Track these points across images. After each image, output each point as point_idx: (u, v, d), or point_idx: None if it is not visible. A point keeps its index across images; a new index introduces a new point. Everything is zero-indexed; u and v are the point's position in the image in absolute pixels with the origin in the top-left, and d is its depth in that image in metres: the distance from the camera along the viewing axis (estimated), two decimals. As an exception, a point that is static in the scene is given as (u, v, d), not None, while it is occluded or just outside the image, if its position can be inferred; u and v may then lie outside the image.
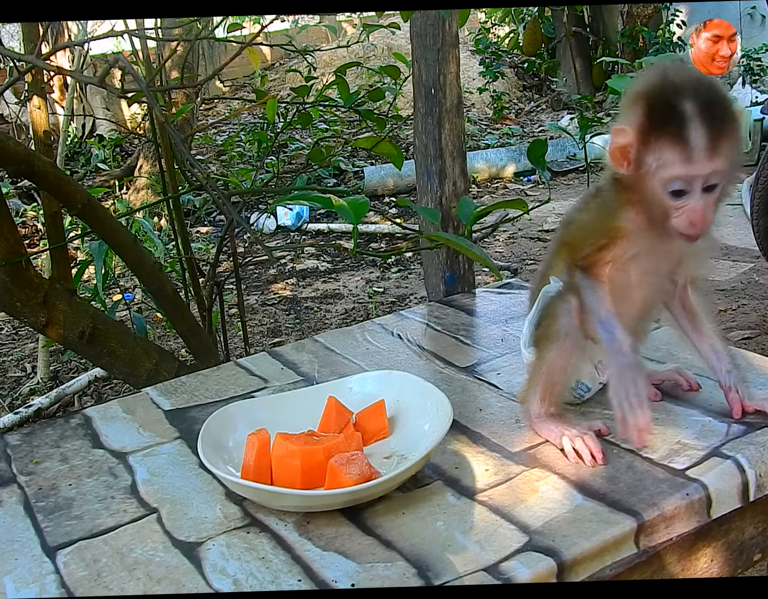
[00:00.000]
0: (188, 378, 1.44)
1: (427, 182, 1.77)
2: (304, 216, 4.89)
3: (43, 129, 1.88)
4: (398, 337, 1.54)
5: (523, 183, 5.62)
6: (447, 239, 1.37)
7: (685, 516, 0.97)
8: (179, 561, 0.93)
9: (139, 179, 5.18)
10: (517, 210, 1.33)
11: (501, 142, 6.45)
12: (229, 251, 2.68)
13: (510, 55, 8.32)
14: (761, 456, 1.04)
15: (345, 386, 1.22)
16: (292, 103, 2.03)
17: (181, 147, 1.74)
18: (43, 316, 1.63)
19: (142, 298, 3.54)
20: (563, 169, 5.75)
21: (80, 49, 3.77)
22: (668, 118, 0.95)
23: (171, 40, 2.75)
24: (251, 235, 1.66)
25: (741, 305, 3.25)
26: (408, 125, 5.46)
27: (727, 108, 0.97)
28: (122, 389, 2.78)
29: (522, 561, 0.88)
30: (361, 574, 0.88)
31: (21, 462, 1.19)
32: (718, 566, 1.03)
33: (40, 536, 1.00)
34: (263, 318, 3.56)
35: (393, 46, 7.51)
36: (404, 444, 1.11)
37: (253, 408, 1.18)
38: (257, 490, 1.00)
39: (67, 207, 1.72)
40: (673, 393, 1.22)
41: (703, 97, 0.96)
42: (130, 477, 1.12)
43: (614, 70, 6.86)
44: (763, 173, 3.22)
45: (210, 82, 7.61)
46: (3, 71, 5.85)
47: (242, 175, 3.39)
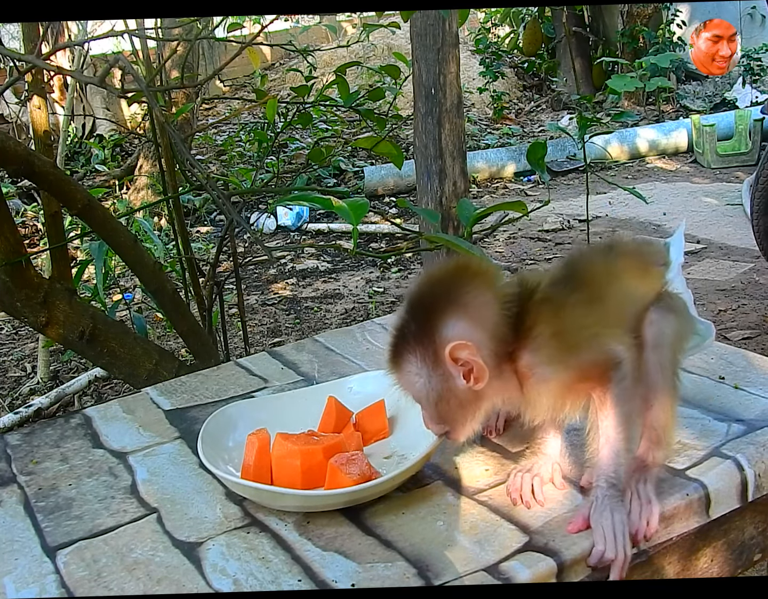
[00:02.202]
0: (188, 378, 1.44)
1: (427, 182, 1.77)
2: (304, 216, 4.89)
3: (43, 129, 1.87)
4: (398, 337, 1.53)
5: (523, 183, 5.62)
6: (446, 240, 1.37)
7: (684, 515, 0.97)
8: (179, 561, 0.93)
9: (139, 179, 5.18)
10: (517, 212, 1.33)
11: (501, 142, 6.45)
12: (229, 251, 2.69)
13: (510, 55, 8.32)
14: (761, 456, 1.03)
15: (345, 386, 1.22)
16: (292, 103, 2.03)
17: (181, 147, 1.74)
18: (43, 316, 1.63)
19: (143, 298, 3.54)
20: (563, 169, 5.75)
21: (80, 49, 3.78)
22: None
23: (171, 40, 2.75)
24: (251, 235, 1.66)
25: (741, 305, 3.25)
26: (408, 125, 5.47)
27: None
28: (122, 389, 2.78)
29: (522, 561, 0.88)
30: (361, 574, 0.88)
31: (21, 462, 1.19)
32: (718, 566, 1.03)
33: (40, 536, 1.00)
34: (263, 318, 3.56)
35: (393, 46, 7.52)
36: (404, 444, 1.11)
37: (253, 408, 1.18)
38: (257, 490, 1.00)
39: (67, 207, 1.72)
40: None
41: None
42: (130, 477, 1.12)
43: (614, 70, 6.86)
44: (763, 173, 3.22)
45: (210, 82, 7.61)
46: (3, 71, 5.85)
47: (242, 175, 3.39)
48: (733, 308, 3.22)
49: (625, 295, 1.00)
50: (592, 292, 0.97)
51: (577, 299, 0.96)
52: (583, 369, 0.94)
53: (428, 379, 0.93)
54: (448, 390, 0.93)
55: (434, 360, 0.92)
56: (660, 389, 0.97)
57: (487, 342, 0.92)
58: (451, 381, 0.92)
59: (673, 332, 0.98)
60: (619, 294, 0.99)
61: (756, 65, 6.87)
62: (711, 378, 1.25)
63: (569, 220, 4.62)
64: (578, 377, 0.95)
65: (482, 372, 0.91)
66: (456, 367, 0.91)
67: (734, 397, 1.19)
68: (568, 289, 0.97)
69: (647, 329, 0.97)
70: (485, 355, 0.91)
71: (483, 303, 0.93)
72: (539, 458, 1.04)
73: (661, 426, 0.98)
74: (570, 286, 0.97)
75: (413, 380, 0.94)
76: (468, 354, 0.90)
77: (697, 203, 4.83)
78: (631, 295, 1.00)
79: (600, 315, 0.96)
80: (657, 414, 0.98)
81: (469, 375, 0.91)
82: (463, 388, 0.92)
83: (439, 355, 0.91)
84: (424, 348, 0.92)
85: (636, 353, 0.95)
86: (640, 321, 0.98)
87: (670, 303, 1.00)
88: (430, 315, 0.92)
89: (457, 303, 0.92)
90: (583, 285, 0.98)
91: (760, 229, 3.28)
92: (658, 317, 0.98)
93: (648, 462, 0.98)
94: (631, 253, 1.07)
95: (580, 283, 0.98)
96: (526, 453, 1.09)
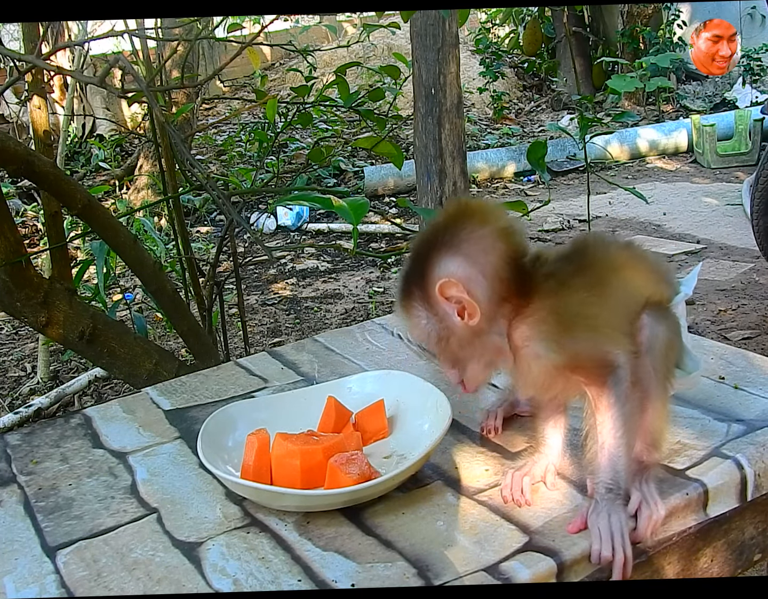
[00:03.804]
0: (188, 378, 1.44)
1: (427, 182, 1.77)
2: (304, 216, 4.89)
3: (43, 129, 1.88)
4: (398, 337, 1.54)
5: (523, 183, 5.62)
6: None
7: (682, 514, 0.97)
8: (179, 561, 0.93)
9: (139, 179, 5.19)
10: (517, 212, 1.33)
11: (501, 142, 6.45)
12: (229, 251, 2.69)
13: (510, 55, 8.33)
14: (761, 456, 1.03)
15: (345, 386, 1.22)
16: (292, 103, 2.03)
17: (181, 147, 1.74)
18: (43, 316, 1.63)
19: (143, 298, 3.54)
20: (563, 169, 5.75)
21: (80, 49, 3.78)
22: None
23: (171, 40, 2.75)
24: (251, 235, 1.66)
25: (741, 305, 3.25)
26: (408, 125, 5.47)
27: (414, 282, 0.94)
28: (122, 389, 2.78)
29: (522, 561, 0.88)
30: (361, 574, 0.88)
31: (21, 462, 1.19)
32: (718, 566, 1.03)
33: (40, 536, 1.00)
34: (263, 318, 3.56)
35: (393, 46, 7.52)
36: (404, 443, 1.11)
37: (253, 408, 1.18)
38: (257, 490, 1.00)
39: (67, 207, 1.73)
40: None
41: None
42: (130, 477, 1.12)
43: (614, 70, 6.87)
44: (763, 173, 3.22)
45: (210, 82, 7.61)
46: (3, 71, 5.85)
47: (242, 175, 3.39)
48: (733, 308, 3.22)
49: (629, 296, 0.99)
50: (598, 281, 0.97)
51: (582, 284, 0.95)
52: (577, 358, 0.94)
53: (428, 320, 0.94)
54: (447, 329, 0.93)
55: (430, 301, 0.93)
56: (653, 393, 0.97)
57: (480, 280, 0.91)
58: (448, 320, 0.93)
59: (666, 338, 0.98)
60: (624, 293, 0.99)
61: (756, 65, 6.87)
62: (711, 378, 1.25)
63: (569, 220, 4.62)
64: (571, 364, 0.94)
65: (473, 308, 0.91)
66: (449, 305, 0.92)
67: (734, 397, 1.19)
68: (574, 271, 0.96)
69: (641, 331, 0.97)
70: (477, 294, 0.91)
71: (477, 240, 0.92)
72: (534, 457, 1.04)
73: (655, 429, 0.98)
74: (578, 269, 0.96)
75: (418, 323, 0.95)
76: (456, 291, 0.90)
77: (697, 203, 4.83)
78: (635, 298, 0.99)
79: (602, 309, 0.95)
80: (651, 417, 0.98)
81: (463, 312, 0.92)
82: (460, 326, 0.93)
83: (432, 295, 0.92)
84: (422, 289, 0.93)
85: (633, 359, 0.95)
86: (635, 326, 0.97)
87: (664, 314, 1.00)
88: (425, 256, 0.93)
89: (450, 241, 0.92)
90: (591, 272, 0.97)
91: (760, 229, 3.28)
92: (650, 321, 0.97)
93: (645, 463, 0.98)
94: (646, 260, 1.06)
95: (588, 269, 0.97)
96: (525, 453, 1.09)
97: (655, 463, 0.99)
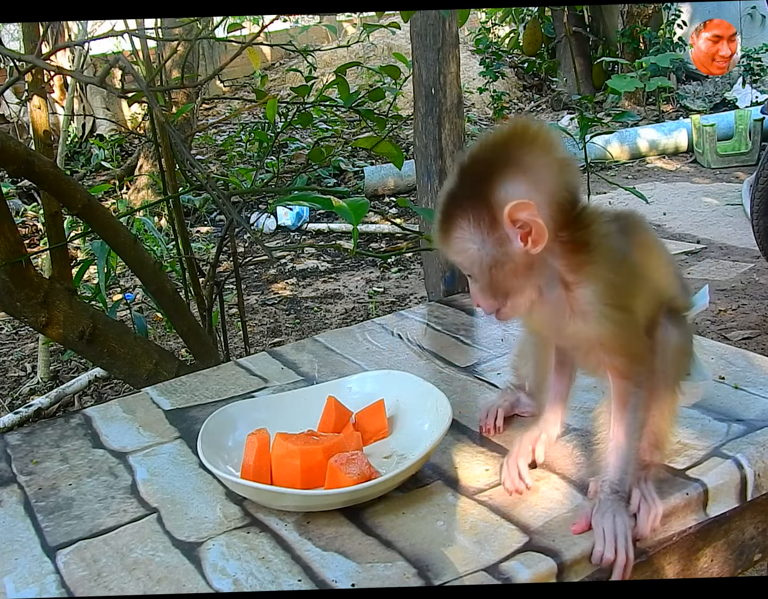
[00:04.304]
0: (188, 378, 1.44)
1: (427, 182, 1.77)
2: (304, 216, 4.89)
3: (43, 129, 1.87)
4: (398, 337, 1.54)
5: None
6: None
7: (682, 513, 0.97)
8: (179, 561, 0.93)
9: (139, 179, 5.19)
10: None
11: (501, 142, 6.44)
12: (229, 251, 2.68)
13: (510, 55, 8.33)
14: (761, 456, 1.04)
15: (345, 386, 1.22)
16: (292, 103, 2.03)
17: (181, 147, 1.74)
18: (43, 316, 1.63)
19: (143, 298, 3.54)
20: (563, 169, 5.74)
21: (80, 49, 3.78)
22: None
23: (171, 40, 2.74)
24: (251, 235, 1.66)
25: (741, 305, 3.25)
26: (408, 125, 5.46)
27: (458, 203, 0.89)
28: (122, 389, 2.78)
29: (522, 561, 0.88)
30: (361, 574, 0.88)
31: (21, 462, 1.19)
32: (718, 566, 1.03)
33: (40, 536, 1.00)
34: (263, 318, 3.56)
35: (393, 46, 7.51)
36: (404, 443, 1.11)
37: (253, 408, 1.18)
38: (257, 490, 1.00)
39: (67, 207, 1.72)
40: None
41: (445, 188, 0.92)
42: (130, 477, 1.12)
43: (614, 70, 6.87)
44: (763, 173, 3.22)
45: (210, 82, 7.61)
46: (3, 71, 5.85)
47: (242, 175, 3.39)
48: (733, 308, 3.22)
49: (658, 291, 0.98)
50: (643, 265, 0.95)
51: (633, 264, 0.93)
52: (616, 333, 0.91)
53: (482, 244, 0.88)
54: (504, 254, 0.88)
55: (490, 223, 0.87)
56: (661, 395, 0.97)
57: (549, 206, 0.87)
58: (507, 245, 0.88)
59: (679, 343, 0.97)
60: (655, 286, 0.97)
61: (756, 65, 6.87)
62: (711, 378, 1.25)
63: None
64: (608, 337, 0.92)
65: (542, 232, 0.86)
66: (514, 229, 0.87)
67: (734, 397, 1.19)
68: (628, 244, 0.94)
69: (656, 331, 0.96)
70: (545, 216, 0.87)
71: (543, 166, 0.88)
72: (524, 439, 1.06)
73: (659, 430, 0.98)
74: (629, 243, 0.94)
75: (466, 246, 0.89)
76: (528, 215, 0.85)
77: (697, 203, 4.83)
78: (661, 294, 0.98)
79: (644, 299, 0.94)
80: (657, 419, 0.98)
81: (526, 238, 0.87)
82: (519, 252, 0.88)
83: (497, 216, 0.87)
84: (479, 210, 0.87)
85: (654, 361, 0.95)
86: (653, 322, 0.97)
87: (680, 320, 0.99)
88: (486, 176, 0.88)
89: (516, 163, 0.87)
90: (639, 253, 0.95)
91: (760, 229, 3.28)
92: (667, 324, 0.97)
93: (647, 463, 0.99)
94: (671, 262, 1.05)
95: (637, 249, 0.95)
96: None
97: (657, 464, 0.99)
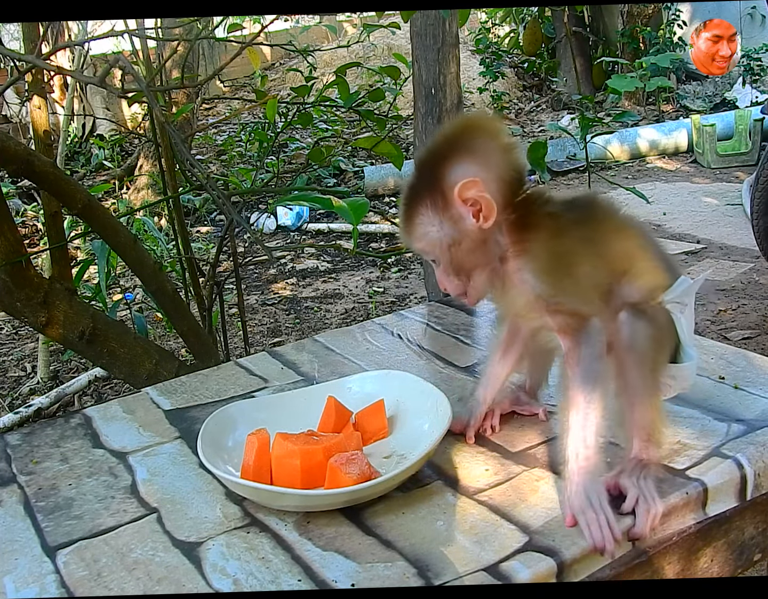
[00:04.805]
0: (188, 378, 1.44)
1: (427, 182, 1.77)
2: (304, 216, 4.89)
3: (43, 129, 1.87)
4: (398, 337, 1.54)
5: (523, 183, 5.62)
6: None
7: (682, 513, 0.97)
8: (179, 561, 0.93)
9: (139, 179, 5.19)
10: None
11: (501, 142, 6.44)
12: (229, 251, 2.69)
13: (510, 55, 8.32)
14: (761, 455, 1.04)
15: (345, 386, 1.22)
16: (292, 103, 2.03)
17: (181, 147, 1.74)
18: (43, 316, 1.63)
19: (143, 298, 3.54)
20: (563, 169, 5.75)
21: (80, 49, 3.78)
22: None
23: (171, 40, 2.74)
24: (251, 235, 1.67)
25: (741, 305, 3.25)
26: (408, 125, 5.47)
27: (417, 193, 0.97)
28: (122, 389, 2.78)
29: (522, 561, 0.88)
30: (361, 574, 0.88)
31: (21, 462, 1.19)
32: (718, 566, 1.03)
33: (40, 536, 1.00)
34: (263, 318, 3.56)
35: (393, 46, 7.51)
36: (404, 443, 1.11)
37: (253, 408, 1.18)
38: (257, 490, 1.00)
39: (67, 207, 1.72)
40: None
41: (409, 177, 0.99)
42: (130, 477, 1.12)
43: (614, 70, 6.87)
44: (763, 173, 3.22)
45: (210, 82, 7.61)
46: (3, 71, 5.85)
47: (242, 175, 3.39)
48: (733, 308, 3.22)
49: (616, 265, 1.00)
50: (594, 239, 0.99)
51: (580, 236, 0.98)
52: (558, 302, 0.97)
53: (440, 226, 0.96)
54: (460, 232, 0.96)
55: (444, 205, 0.95)
56: (640, 388, 0.98)
57: (495, 182, 0.95)
58: (461, 223, 0.96)
59: (647, 334, 0.98)
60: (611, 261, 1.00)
61: (756, 65, 6.87)
62: (711, 378, 1.25)
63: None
64: (551, 305, 0.97)
65: (490, 207, 0.94)
66: (465, 207, 0.95)
67: (734, 397, 1.19)
68: (576, 220, 0.99)
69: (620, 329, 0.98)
70: (494, 194, 0.94)
71: (489, 149, 0.96)
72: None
73: (648, 424, 0.99)
74: (579, 219, 0.99)
75: (426, 231, 0.97)
76: (476, 191, 0.93)
77: (697, 203, 4.83)
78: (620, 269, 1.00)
79: (592, 268, 0.98)
80: (642, 414, 0.99)
81: (478, 215, 0.95)
82: (473, 228, 0.95)
83: (449, 198, 0.95)
84: (434, 195, 0.95)
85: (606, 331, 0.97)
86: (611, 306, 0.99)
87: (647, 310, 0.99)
88: (436, 163, 0.96)
89: (463, 147, 0.95)
90: (591, 228, 1.00)
91: (760, 229, 3.28)
92: (627, 319, 0.98)
93: (644, 460, 0.99)
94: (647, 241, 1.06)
95: (590, 224, 1.00)
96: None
97: (655, 461, 0.99)
